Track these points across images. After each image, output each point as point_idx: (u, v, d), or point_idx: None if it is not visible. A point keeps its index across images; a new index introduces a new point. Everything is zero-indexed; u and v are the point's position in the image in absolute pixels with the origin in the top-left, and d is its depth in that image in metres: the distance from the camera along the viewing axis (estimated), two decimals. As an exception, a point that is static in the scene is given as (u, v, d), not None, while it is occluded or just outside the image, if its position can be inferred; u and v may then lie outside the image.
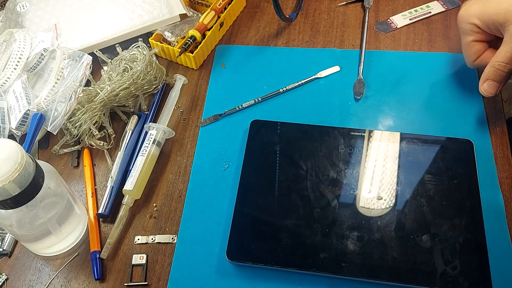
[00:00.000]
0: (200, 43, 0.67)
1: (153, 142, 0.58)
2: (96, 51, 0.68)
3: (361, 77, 0.64)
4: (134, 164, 0.57)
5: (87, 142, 0.61)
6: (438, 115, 0.60)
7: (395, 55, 0.67)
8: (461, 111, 0.60)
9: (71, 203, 0.51)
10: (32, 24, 0.72)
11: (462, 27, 0.54)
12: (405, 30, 0.69)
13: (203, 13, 0.69)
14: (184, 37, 0.69)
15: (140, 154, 0.58)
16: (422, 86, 0.63)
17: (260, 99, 0.63)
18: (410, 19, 0.70)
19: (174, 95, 0.63)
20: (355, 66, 0.66)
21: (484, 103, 0.60)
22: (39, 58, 0.64)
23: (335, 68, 0.66)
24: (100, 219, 0.56)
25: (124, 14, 0.70)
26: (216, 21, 0.69)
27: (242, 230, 0.51)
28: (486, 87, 0.52)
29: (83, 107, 0.60)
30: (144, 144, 0.59)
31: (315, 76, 0.65)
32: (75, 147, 0.61)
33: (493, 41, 0.54)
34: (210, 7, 0.70)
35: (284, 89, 0.64)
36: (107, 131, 0.62)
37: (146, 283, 0.51)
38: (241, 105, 0.63)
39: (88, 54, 0.63)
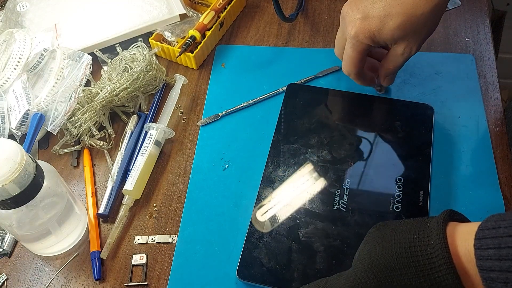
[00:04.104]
0: (200, 43, 0.67)
1: (153, 142, 0.58)
2: (96, 51, 0.68)
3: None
4: (134, 164, 0.57)
5: (87, 142, 0.61)
6: (437, 115, 0.60)
7: (395, 55, 0.66)
8: (461, 111, 0.60)
9: (71, 203, 0.51)
10: (32, 24, 0.72)
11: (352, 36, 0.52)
12: (405, 30, 0.69)
13: (203, 13, 0.69)
14: (184, 37, 0.69)
15: (140, 154, 0.58)
16: (422, 86, 0.63)
17: (260, 99, 0.63)
18: (410, 19, 0.70)
19: (174, 95, 0.63)
20: (355, 66, 0.66)
21: (484, 103, 0.60)
22: (39, 58, 0.64)
23: (335, 68, 0.66)
24: (100, 219, 0.56)
25: (124, 14, 0.70)
26: (216, 21, 0.69)
27: (256, 248, 0.49)
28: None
29: (83, 107, 0.60)
30: (144, 144, 0.59)
31: (315, 76, 0.65)
32: (75, 147, 0.61)
33: None
34: (210, 7, 0.70)
35: (284, 89, 0.64)
36: (107, 131, 0.62)
37: (146, 283, 0.51)
38: (241, 105, 0.63)
39: (88, 54, 0.63)
